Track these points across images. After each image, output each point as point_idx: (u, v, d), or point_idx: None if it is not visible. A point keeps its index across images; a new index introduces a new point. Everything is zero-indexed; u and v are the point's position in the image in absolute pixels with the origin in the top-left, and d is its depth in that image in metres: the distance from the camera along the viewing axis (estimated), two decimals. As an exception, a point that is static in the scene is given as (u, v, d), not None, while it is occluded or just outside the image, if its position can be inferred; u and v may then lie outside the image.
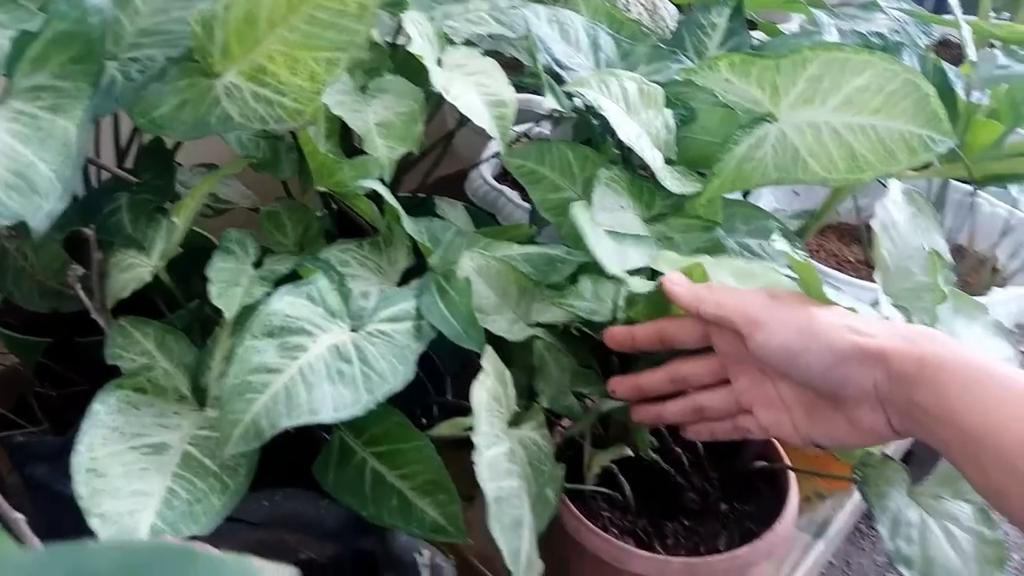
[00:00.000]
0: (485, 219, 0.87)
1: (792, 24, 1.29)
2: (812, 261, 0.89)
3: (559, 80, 0.75)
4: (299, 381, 0.50)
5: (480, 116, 0.65)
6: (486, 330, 0.60)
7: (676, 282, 0.57)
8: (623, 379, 0.61)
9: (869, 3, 0.99)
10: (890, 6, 0.96)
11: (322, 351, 0.52)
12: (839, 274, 0.87)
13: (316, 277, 0.56)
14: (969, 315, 0.62)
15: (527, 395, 0.62)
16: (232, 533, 0.56)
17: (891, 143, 0.67)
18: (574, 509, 0.65)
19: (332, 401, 0.49)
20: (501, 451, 0.50)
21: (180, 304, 0.61)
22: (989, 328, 0.63)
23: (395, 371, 0.53)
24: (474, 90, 0.67)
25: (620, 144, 0.78)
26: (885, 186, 0.75)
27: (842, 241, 1.03)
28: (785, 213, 0.88)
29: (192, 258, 0.61)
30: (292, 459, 0.58)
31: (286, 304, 0.53)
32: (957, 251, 1.04)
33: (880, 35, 0.93)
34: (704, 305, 0.55)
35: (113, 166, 0.67)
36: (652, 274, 0.62)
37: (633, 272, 0.61)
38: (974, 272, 1.02)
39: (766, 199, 0.98)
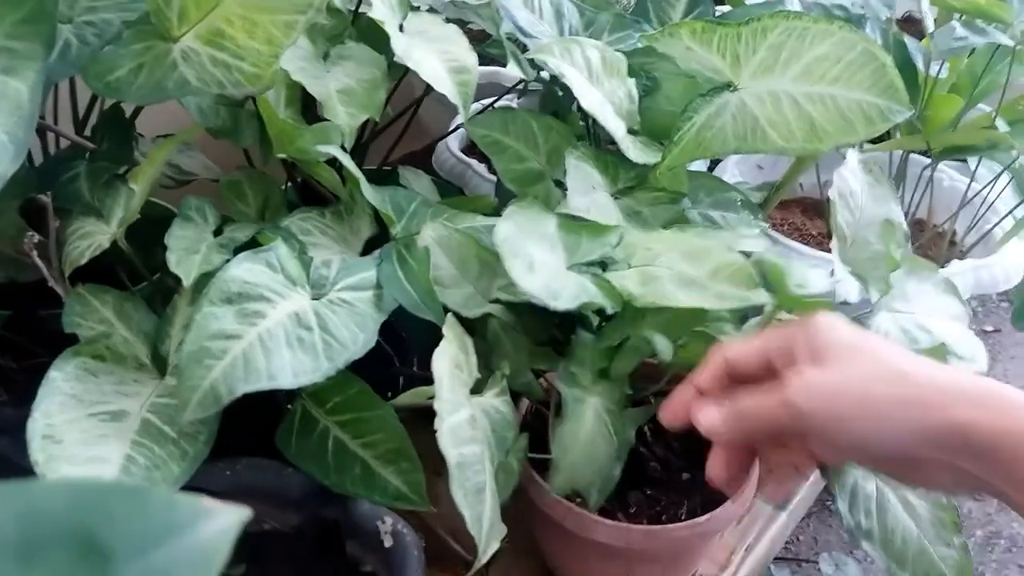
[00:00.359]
0: (452, 192, 0.86)
1: (758, -2, 1.29)
2: (774, 232, 0.90)
3: (523, 49, 0.75)
4: (258, 347, 0.49)
5: (442, 82, 0.65)
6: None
7: (707, 420, 0.48)
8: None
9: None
10: (853, -22, 0.97)
11: (282, 317, 0.52)
12: (800, 246, 0.88)
13: (276, 244, 0.56)
14: (920, 276, 0.63)
15: (488, 365, 0.63)
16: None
17: (849, 113, 0.68)
18: (538, 478, 0.66)
19: (291, 367, 0.49)
20: (463, 418, 0.50)
21: (140, 274, 0.60)
22: (939, 286, 0.64)
23: (355, 338, 0.53)
24: (436, 56, 0.66)
25: (585, 116, 0.79)
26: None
27: (806, 215, 1.04)
28: (748, 186, 0.89)
29: (153, 228, 0.60)
30: (255, 428, 0.58)
31: (244, 271, 0.52)
32: (917, 224, 1.06)
33: (842, 7, 0.94)
34: (740, 428, 0.47)
35: (72, 134, 0.66)
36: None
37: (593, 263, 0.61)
38: (933, 245, 1.04)
39: (730, 173, 0.98)
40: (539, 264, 0.57)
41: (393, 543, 0.53)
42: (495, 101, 0.96)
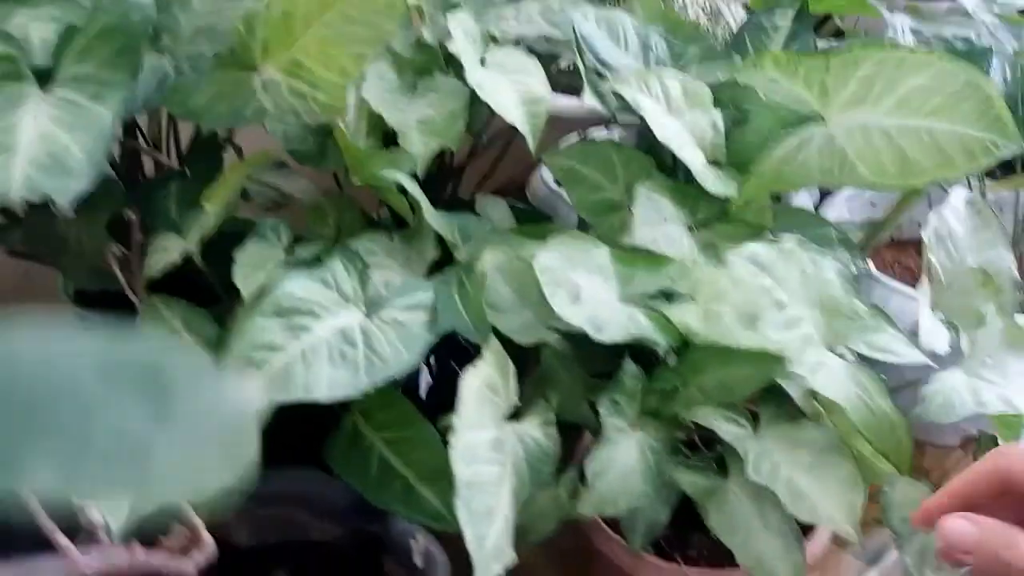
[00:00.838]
0: (538, 221, 0.87)
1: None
2: (877, 271, 0.85)
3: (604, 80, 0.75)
4: (299, 360, 0.51)
5: (511, 112, 0.66)
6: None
7: (955, 536, 0.39)
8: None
9: (954, 7, 0.94)
10: (980, 9, 0.91)
11: (327, 333, 0.53)
12: (905, 287, 0.82)
13: (333, 262, 0.58)
14: None
15: (544, 395, 0.62)
16: (245, 508, 0.58)
17: (947, 147, 0.64)
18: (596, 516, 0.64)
19: (328, 381, 0.51)
20: (484, 438, 0.50)
21: (217, 288, 0.63)
22: None
23: (399, 357, 0.54)
24: (509, 87, 0.67)
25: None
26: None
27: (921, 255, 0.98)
28: (850, 223, 0.84)
29: (234, 246, 0.64)
30: (309, 439, 0.60)
31: (298, 286, 0.55)
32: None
33: (966, 40, 0.88)
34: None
35: (167, 159, 0.71)
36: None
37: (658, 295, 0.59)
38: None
39: (839, 209, 0.94)
40: (587, 295, 0.56)
41: (424, 563, 0.53)
42: (588, 133, 0.96)
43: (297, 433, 0.60)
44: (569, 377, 0.62)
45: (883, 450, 0.51)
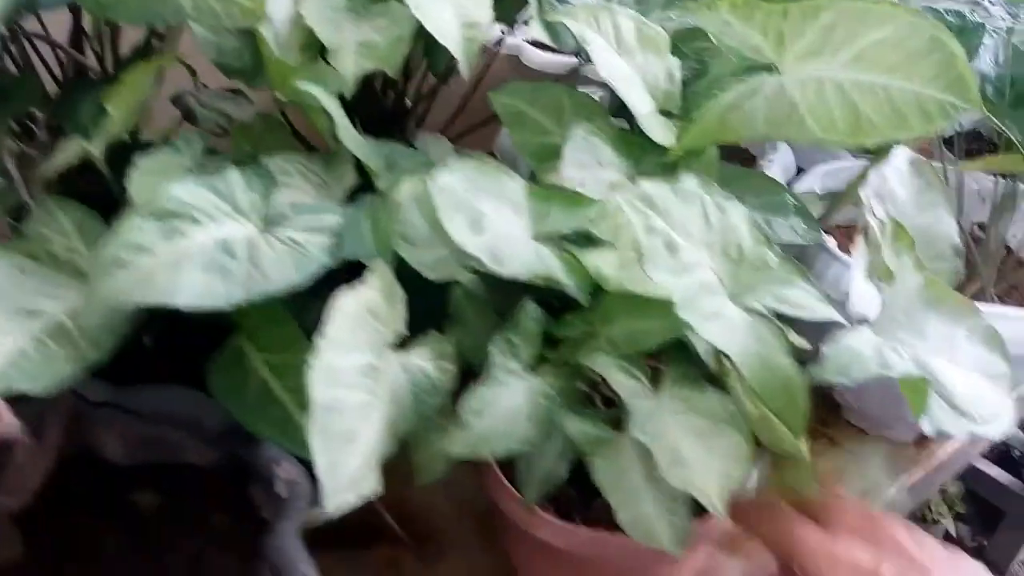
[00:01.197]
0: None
1: None
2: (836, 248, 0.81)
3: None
4: (167, 265, 0.48)
5: (446, 36, 0.62)
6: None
7: None
8: None
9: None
10: (977, -17, 0.86)
11: (207, 241, 0.50)
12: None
13: (228, 171, 0.55)
14: (950, 313, 0.52)
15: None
16: (114, 420, 0.56)
17: (903, 106, 0.59)
18: (497, 470, 0.61)
19: (196, 288, 0.48)
20: (355, 361, 0.47)
21: (119, 197, 0.61)
22: (977, 334, 0.52)
23: (285, 275, 0.51)
24: (449, 10, 0.64)
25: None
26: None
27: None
28: (811, 193, 0.80)
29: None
30: (188, 358, 0.57)
31: (185, 191, 0.52)
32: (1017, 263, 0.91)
33: (959, 13, 0.83)
34: None
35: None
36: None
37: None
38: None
39: (811, 183, 0.89)
40: (491, 225, 0.53)
41: (287, 492, 0.50)
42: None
43: (179, 352, 0.58)
44: (477, 318, 0.58)
45: (775, 409, 0.47)
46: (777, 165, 0.91)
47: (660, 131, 0.65)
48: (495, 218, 0.53)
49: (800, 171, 0.95)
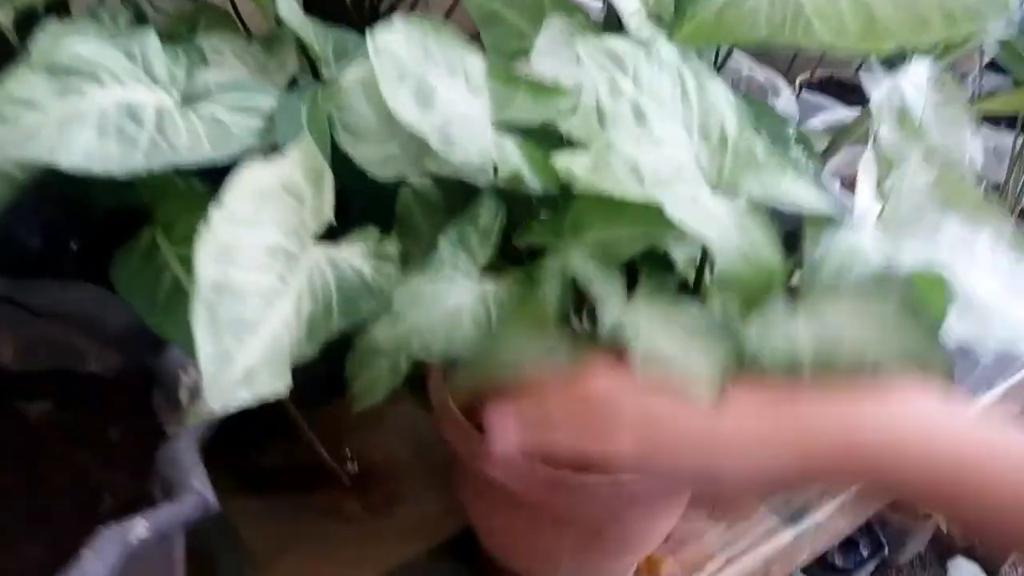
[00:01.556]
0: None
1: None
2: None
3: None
4: (58, 121, 0.41)
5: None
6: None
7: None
8: None
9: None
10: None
11: (107, 103, 0.43)
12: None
13: (148, 36, 0.47)
14: (970, 217, 0.45)
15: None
16: (14, 318, 0.49)
17: (924, 7, 0.52)
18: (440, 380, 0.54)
19: (87, 150, 0.41)
20: (260, 240, 0.39)
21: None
22: (1001, 241, 0.44)
23: (196, 150, 0.44)
24: None
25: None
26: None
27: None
28: (815, 126, 0.73)
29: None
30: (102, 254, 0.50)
31: (88, 48, 0.45)
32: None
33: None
34: None
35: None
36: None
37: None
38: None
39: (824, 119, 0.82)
40: (443, 101, 0.45)
41: (188, 399, 0.43)
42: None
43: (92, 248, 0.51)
44: (427, 223, 0.51)
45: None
46: (778, 110, 0.84)
47: (645, 31, 0.58)
48: (448, 95, 0.45)
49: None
